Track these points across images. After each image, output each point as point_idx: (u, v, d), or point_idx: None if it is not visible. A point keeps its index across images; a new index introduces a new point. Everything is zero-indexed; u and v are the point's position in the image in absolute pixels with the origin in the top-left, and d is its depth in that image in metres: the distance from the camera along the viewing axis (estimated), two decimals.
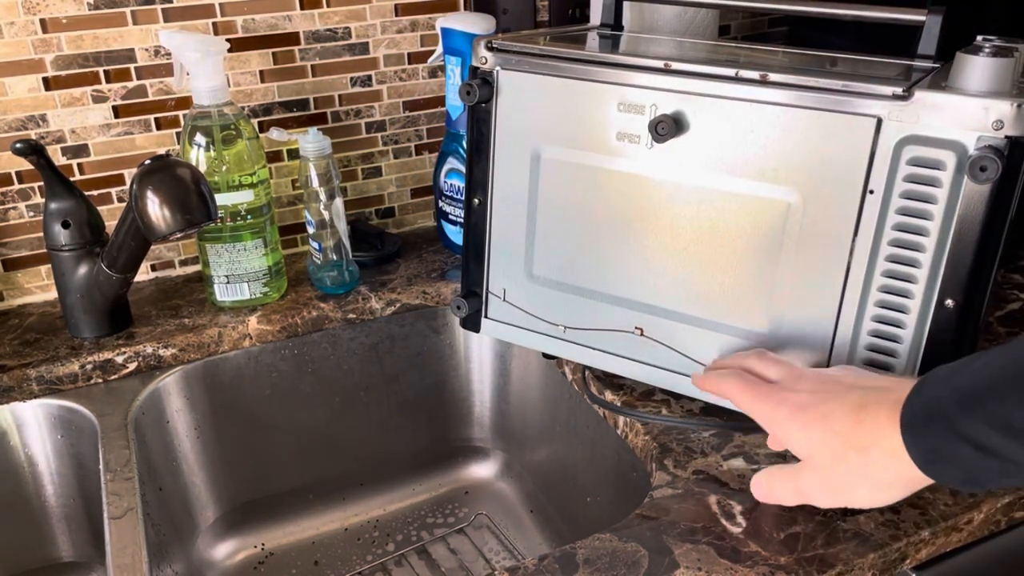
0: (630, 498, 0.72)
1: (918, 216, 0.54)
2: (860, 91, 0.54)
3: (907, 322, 0.55)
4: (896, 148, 0.53)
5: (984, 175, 0.49)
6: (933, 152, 0.52)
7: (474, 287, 0.73)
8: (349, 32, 0.94)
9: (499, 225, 0.70)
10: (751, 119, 0.57)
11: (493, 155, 0.68)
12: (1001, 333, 0.79)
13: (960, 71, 0.51)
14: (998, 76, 0.50)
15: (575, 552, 0.56)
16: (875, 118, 0.53)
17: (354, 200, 1.02)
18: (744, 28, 1.15)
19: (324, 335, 0.89)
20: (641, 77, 0.60)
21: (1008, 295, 0.85)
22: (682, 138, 0.60)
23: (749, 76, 0.57)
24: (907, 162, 0.53)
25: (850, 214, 0.55)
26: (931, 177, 0.52)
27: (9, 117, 0.84)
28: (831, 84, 0.54)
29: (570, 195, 0.66)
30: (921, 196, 0.53)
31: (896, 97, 0.52)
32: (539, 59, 0.64)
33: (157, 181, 0.70)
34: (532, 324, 0.71)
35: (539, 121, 0.65)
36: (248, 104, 0.93)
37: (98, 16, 0.84)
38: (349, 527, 0.95)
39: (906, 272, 0.55)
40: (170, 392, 0.83)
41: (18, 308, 0.90)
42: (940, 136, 0.51)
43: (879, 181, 0.54)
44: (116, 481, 0.68)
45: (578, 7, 0.98)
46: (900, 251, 0.55)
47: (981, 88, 0.51)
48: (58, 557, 0.86)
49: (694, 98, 0.59)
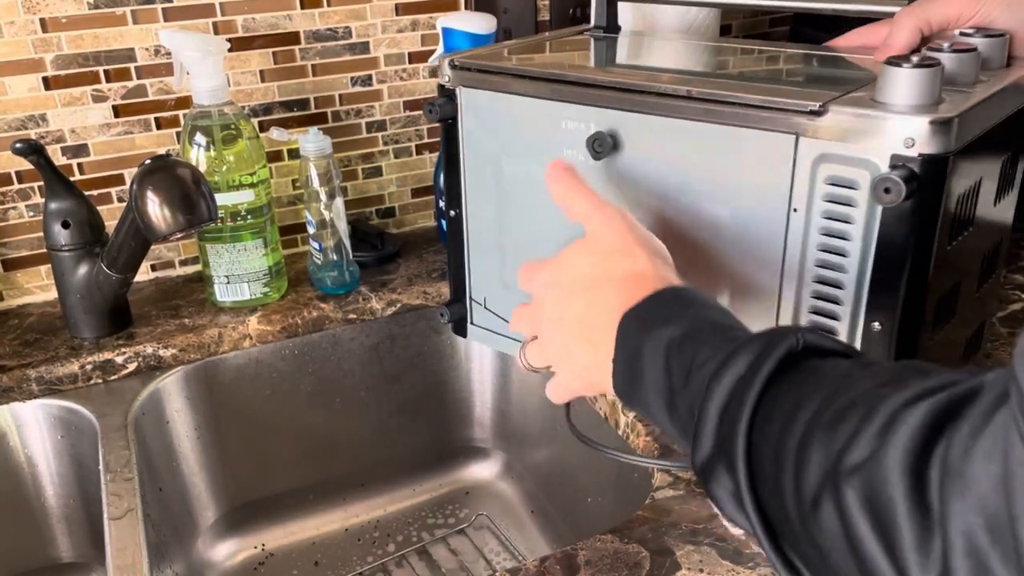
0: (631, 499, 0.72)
1: (839, 236, 0.51)
2: (778, 106, 0.51)
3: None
4: (813, 166, 0.51)
5: (888, 197, 0.46)
6: (848, 171, 0.50)
7: (459, 294, 0.74)
8: (350, 32, 0.94)
9: (475, 235, 0.71)
10: (681, 136, 0.56)
11: (464, 169, 0.69)
12: (1003, 333, 0.78)
13: (884, 84, 0.49)
14: (918, 90, 0.47)
15: (576, 553, 0.56)
16: (793, 135, 0.51)
17: (354, 200, 1.02)
18: (745, 28, 1.15)
19: (324, 335, 0.89)
20: (581, 94, 0.60)
21: (1009, 295, 0.85)
22: (620, 155, 0.59)
23: (674, 92, 0.56)
24: (824, 181, 0.51)
25: (778, 233, 0.53)
26: (847, 197, 0.50)
27: (9, 117, 0.84)
28: (751, 99, 0.52)
29: (531, 208, 0.66)
30: (840, 216, 0.51)
31: (812, 113, 0.50)
32: (496, 76, 0.64)
33: (157, 181, 0.70)
34: (504, 329, 0.71)
35: (499, 136, 0.66)
36: (248, 104, 0.93)
37: (98, 16, 0.84)
38: (349, 528, 0.95)
39: (831, 294, 0.53)
40: (170, 392, 0.83)
41: (18, 308, 0.90)
42: (853, 155, 0.49)
43: (801, 199, 0.52)
44: (116, 481, 0.68)
45: (579, 7, 0.98)
46: (824, 272, 0.53)
47: (900, 102, 0.48)
48: (58, 557, 0.86)
49: (627, 115, 0.58)
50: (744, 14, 1.14)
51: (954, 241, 0.52)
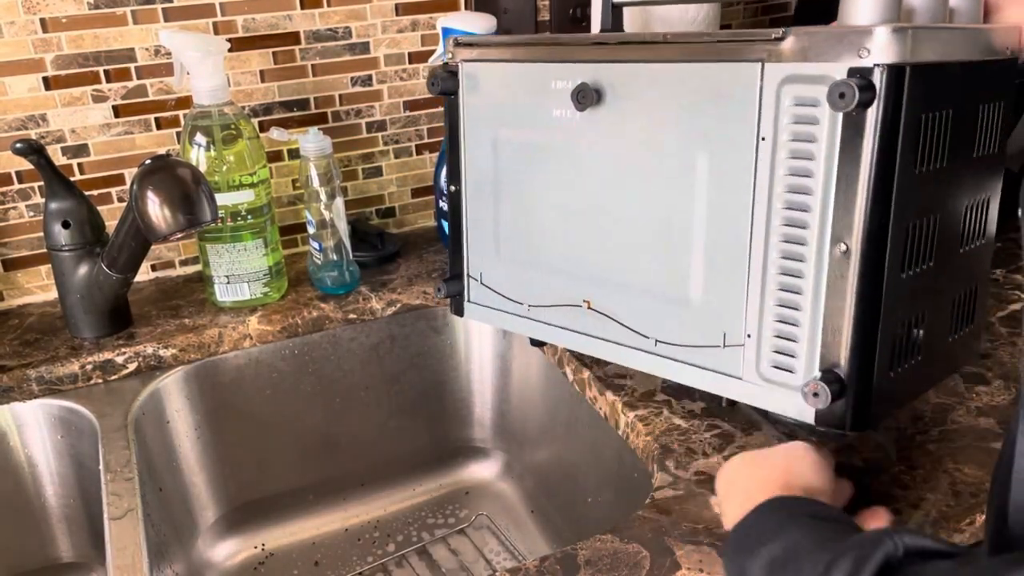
0: (631, 499, 0.72)
1: (804, 158, 0.52)
2: (744, 38, 0.54)
3: (806, 271, 0.54)
4: (778, 90, 0.53)
5: (843, 102, 0.48)
6: (809, 88, 0.51)
7: (457, 271, 0.76)
8: (350, 32, 0.94)
9: (472, 210, 0.73)
10: (659, 80, 0.58)
11: (464, 143, 0.72)
12: (1003, 333, 0.78)
13: (844, 8, 0.51)
14: (875, 10, 0.50)
15: (576, 553, 0.56)
16: (759, 62, 0.53)
17: (354, 200, 1.02)
18: (745, 28, 1.15)
19: (324, 335, 0.89)
20: (568, 52, 0.63)
21: (1009, 295, 0.85)
22: (604, 108, 0.61)
23: (652, 38, 0.59)
24: (789, 103, 0.52)
25: (748, 164, 0.55)
26: (810, 115, 0.52)
27: (9, 117, 0.84)
28: (720, 35, 0.56)
29: (523, 173, 0.69)
30: (804, 136, 0.52)
31: (775, 40, 0.52)
32: (494, 48, 0.68)
33: (157, 181, 0.70)
34: (504, 305, 0.73)
35: (495, 106, 0.69)
36: (248, 104, 0.93)
37: (98, 16, 0.84)
38: (349, 528, 0.95)
39: (799, 218, 0.54)
40: (170, 392, 0.83)
41: (18, 308, 0.90)
42: (814, 73, 0.51)
43: (768, 127, 0.54)
44: (116, 481, 0.68)
45: (579, 6, 0.98)
46: (792, 196, 0.54)
47: (859, 22, 0.50)
48: (58, 557, 0.86)
49: (610, 66, 0.61)
50: (744, 13, 1.14)
51: (922, 167, 0.52)
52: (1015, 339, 0.77)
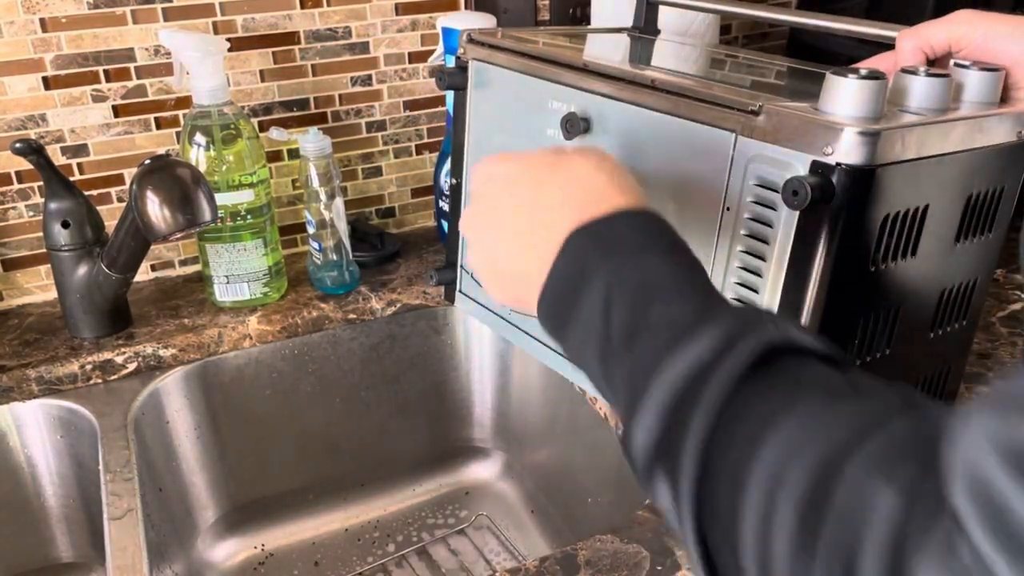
0: (631, 499, 0.72)
1: (760, 239, 0.50)
2: (723, 102, 0.51)
3: None
4: (746, 165, 0.51)
5: (795, 199, 0.45)
6: (772, 172, 0.49)
7: (451, 260, 0.76)
8: (349, 31, 0.94)
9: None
10: (641, 124, 0.57)
11: (468, 138, 0.72)
12: (1003, 333, 0.78)
13: (826, 92, 0.48)
14: (854, 101, 0.47)
15: (576, 553, 0.56)
16: (732, 133, 0.51)
17: (354, 200, 1.02)
18: (744, 28, 1.15)
19: (324, 335, 0.89)
20: (567, 75, 0.62)
21: (1009, 295, 0.85)
22: (591, 138, 0.61)
23: (640, 80, 0.57)
24: (752, 182, 0.50)
25: (711, 230, 0.53)
26: (770, 199, 0.49)
27: (9, 117, 0.84)
28: (700, 94, 0.52)
29: None
30: (763, 219, 0.50)
31: (751, 112, 0.49)
32: (504, 53, 0.67)
33: (157, 181, 0.70)
34: (490, 303, 0.73)
35: (499, 108, 0.69)
36: (248, 104, 0.93)
37: (98, 15, 0.84)
38: (349, 528, 0.95)
39: (748, 297, 0.52)
40: (170, 392, 0.83)
41: (18, 308, 0.90)
42: (780, 157, 0.48)
43: (734, 199, 0.51)
44: (116, 481, 0.68)
45: (579, 6, 0.98)
46: (745, 274, 0.52)
47: (836, 111, 0.47)
48: (58, 558, 0.86)
49: (600, 99, 0.60)
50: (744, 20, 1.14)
51: (884, 264, 0.50)
52: (1015, 339, 0.78)
